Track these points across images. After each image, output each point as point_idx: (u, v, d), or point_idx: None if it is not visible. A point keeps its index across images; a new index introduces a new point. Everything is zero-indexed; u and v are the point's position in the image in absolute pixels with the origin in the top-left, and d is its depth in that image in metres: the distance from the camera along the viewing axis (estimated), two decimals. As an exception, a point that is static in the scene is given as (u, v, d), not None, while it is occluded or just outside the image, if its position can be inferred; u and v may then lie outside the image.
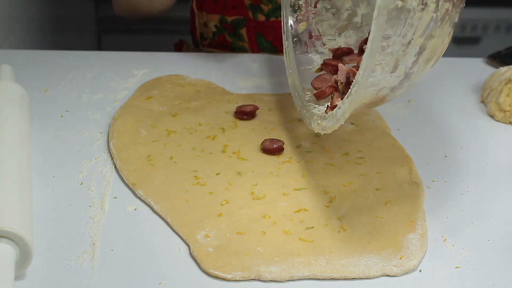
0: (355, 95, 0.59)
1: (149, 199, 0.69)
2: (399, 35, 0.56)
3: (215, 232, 0.64)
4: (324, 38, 0.82)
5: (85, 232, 0.64)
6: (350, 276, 0.60)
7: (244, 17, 1.02)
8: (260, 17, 1.01)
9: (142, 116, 0.82)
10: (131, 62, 0.97)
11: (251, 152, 0.76)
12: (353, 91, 0.59)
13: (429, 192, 0.72)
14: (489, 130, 0.85)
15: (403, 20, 0.56)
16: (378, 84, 0.59)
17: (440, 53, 0.62)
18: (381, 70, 0.57)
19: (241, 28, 1.03)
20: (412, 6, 0.56)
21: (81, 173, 0.73)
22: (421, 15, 0.57)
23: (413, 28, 0.57)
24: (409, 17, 0.56)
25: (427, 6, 0.56)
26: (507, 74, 0.87)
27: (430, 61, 0.61)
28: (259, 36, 1.01)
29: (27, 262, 0.58)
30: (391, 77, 0.59)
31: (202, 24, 1.08)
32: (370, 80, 0.58)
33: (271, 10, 1.01)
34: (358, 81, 0.58)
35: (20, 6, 1.21)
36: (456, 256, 0.64)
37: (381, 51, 0.56)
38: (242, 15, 1.02)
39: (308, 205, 0.69)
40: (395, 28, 0.56)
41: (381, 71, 0.57)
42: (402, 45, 0.57)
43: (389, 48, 0.56)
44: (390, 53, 0.57)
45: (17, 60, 0.94)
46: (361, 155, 0.77)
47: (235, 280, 0.60)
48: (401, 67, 0.59)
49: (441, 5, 0.57)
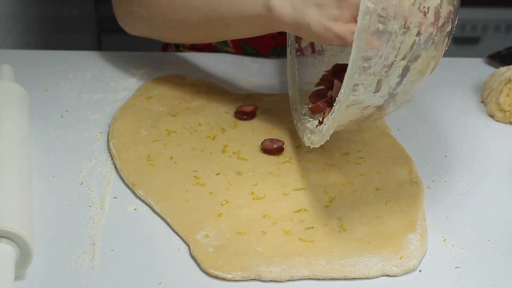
0: (337, 112, 0.60)
1: (149, 199, 0.69)
2: (381, 56, 0.57)
3: (215, 232, 0.64)
4: (327, 54, 0.82)
5: (85, 232, 0.64)
6: (350, 276, 0.60)
7: None
8: None
9: (142, 116, 0.82)
10: (131, 62, 0.97)
11: (251, 152, 0.76)
12: (335, 109, 0.60)
13: (429, 192, 0.72)
14: (489, 130, 0.85)
15: (384, 42, 0.57)
16: (362, 103, 0.60)
17: (427, 74, 0.63)
18: (364, 89, 0.58)
19: None
20: (394, 30, 0.56)
21: (81, 173, 0.73)
22: (403, 39, 0.57)
23: (395, 50, 0.57)
24: (391, 40, 0.57)
25: (409, 30, 0.57)
26: (507, 74, 0.87)
27: (415, 82, 0.62)
28: (244, 44, 1.01)
29: (27, 262, 0.58)
30: (374, 97, 0.60)
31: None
32: (352, 98, 0.59)
33: None
34: (340, 99, 0.59)
35: (20, 6, 1.21)
36: (456, 256, 0.64)
37: (363, 72, 0.57)
38: None
39: (308, 205, 0.69)
40: (376, 50, 0.56)
41: (364, 90, 0.58)
42: (384, 66, 0.58)
43: (370, 69, 0.57)
44: (372, 73, 0.58)
45: (17, 60, 0.94)
46: (361, 155, 0.77)
47: (235, 280, 0.60)
48: (385, 88, 0.60)
49: (424, 29, 0.58)
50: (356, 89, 0.58)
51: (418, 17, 0.57)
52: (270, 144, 0.76)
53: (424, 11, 0.57)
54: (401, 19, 0.56)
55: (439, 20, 0.59)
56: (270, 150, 0.76)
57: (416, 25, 0.57)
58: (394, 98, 0.62)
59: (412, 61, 0.59)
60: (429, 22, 0.58)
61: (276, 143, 0.76)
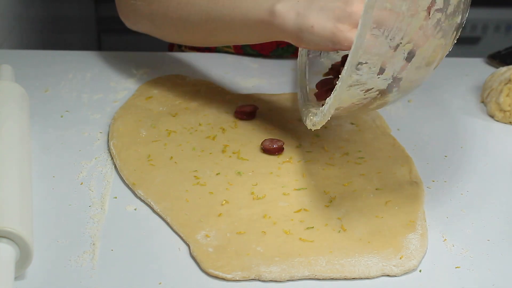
0: (339, 90, 0.59)
1: (149, 199, 0.69)
2: (387, 37, 0.57)
3: (215, 232, 0.64)
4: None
5: (85, 232, 0.64)
6: (350, 276, 0.60)
7: None
8: None
9: (142, 116, 0.82)
10: (131, 62, 0.97)
11: (251, 152, 0.76)
12: (337, 87, 0.59)
13: (429, 192, 0.72)
14: (489, 130, 0.85)
15: (391, 22, 0.56)
16: (365, 84, 0.59)
17: (432, 63, 0.62)
18: (368, 69, 0.58)
19: None
20: (401, 11, 0.56)
21: (81, 173, 0.73)
22: (410, 21, 0.57)
23: (401, 32, 0.57)
24: (398, 20, 0.56)
25: (417, 12, 0.57)
26: (507, 74, 0.87)
27: (420, 69, 0.62)
28: (244, 45, 1.01)
29: (27, 262, 0.58)
30: (378, 79, 0.59)
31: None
32: (356, 78, 0.58)
33: None
34: (342, 77, 0.58)
35: (20, 6, 1.21)
36: (456, 256, 0.64)
37: (368, 51, 0.56)
38: None
39: (308, 205, 0.69)
40: (382, 29, 0.56)
41: (368, 70, 0.58)
42: (389, 47, 0.57)
43: (375, 48, 0.57)
44: (377, 53, 0.57)
45: (17, 60, 0.94)
46: (361, 155, 0.77)
47: (235, 280, 0.60)
48: (389, 70, 0.59)
49: (432, 14, 0.58)
50: (359, 68, 0.57)
51: (427, 1, 0.57)
52: (270, 144, 0.76)
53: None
54: (410, 1, 0.56)
55: (449, 7, 0.58)
56: (270, 150, 0.76)
57: (424, 9, 0.57)
58: (398, 84, 0.61)
59: (418, 46, 0.58)
60: (438, 7, 0.57)
61: (276, 143, 0.76)
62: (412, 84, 0.63)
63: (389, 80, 0.60)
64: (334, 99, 0.60)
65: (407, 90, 0.64)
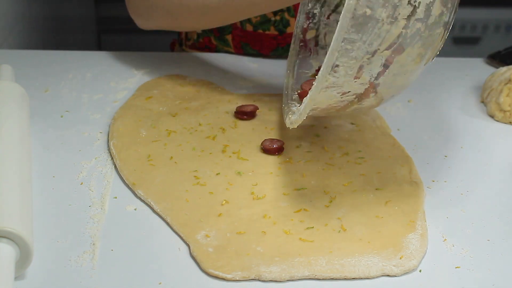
0: (314, 91, 0.60)
1: (149, 199, 0.69)
2: (365, 42, 0.57)
3: (215, 232, 0.64)
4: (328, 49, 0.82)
5: (85, 232, 0.64)
6: (350, 276, 0.60)
7: (231, 23, 1.01)
8: (248, 27, 1.00)
9: (142, 116, 0.82)
10: (131, 62, 0.97)
11: (251, 152, 0.76)
12: (313, 87, 0.60)
13: (429, 192, 0.72)
14: (489, 130, 0.85)
15: (370, 28, 0.57)
16: (341, 87, 0.60)
17: (412, 72, 0.62)
18: (344, 72, 0.58)
19: (227, 34, 1.03)
20: (381, 17, 0.56)
21: (81, 173, 0.73)
22: (390, 28, 0.57)
23: (379, 38, 0.57)
24: (377, 27, 0.57)
25: (396, 20, 0.57)
26: (507, 74, 0.87)
27: (398, 77, 0.62)
28: (244, 45, 1.01)
29: (27, 262, 0.58)
30: (355, 83, 0.60)
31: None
32: (332, 80, 0.58)
33: (259, 22, 1.00)
34: (318, 77, 0.59)
35: (20, 6, 1.21)
36: (456, 256, 0.64)
37: (344, 53, 0.57)
38: None
39: (308, 205, 0.69)
40: (360, 34, 0.56)
41: (344, 73, 0.58)
42: (367, 52, 0.58)
43: (353, 52, 0.57)
44: (354, 57, 0.58)
45: (17, 60, 0.94)
46: (361, 155, 0.77)
47: (235, 280, 0.60)
48: (366, 75, 0.60)
49: (412, 23, 0.58)
50: (336, 71, 0.58)
51: (408, 10, 0.57)
52: (270, 144, 0.76)
53: (414, 5, 0.57)
54: (390, 8, 0.56)
55: (429, 18, 0.59)
56: (270, 150, 0.76)
57: (404, 17, 0.57)
58: (375, 89, 0.62)
59: (396, 53, 0.59)
60: (418, 17, 0.58)
61: (276, 143, 0.76)
62: (390, 90, 0.64)
63: (366, 85, 0.61)
64: (309, 99, 0.61)
65: (385, 95, 0.64)
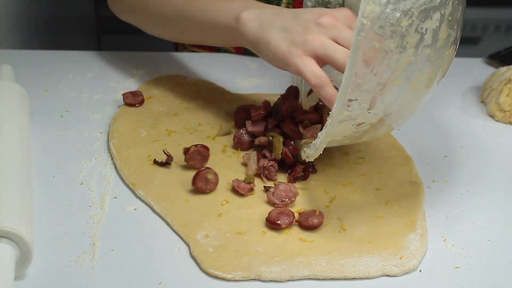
0: (330, 127, 0.60)
1: (149, 199, 0.69)
2: (375, 74, 0.57)
3: (215, 232, 0.64)
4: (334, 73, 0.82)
5: (85, 232, 0.64)
6: (350, 276, 0.60)
7: None
8: None
9: (142, 116, 0.82)
10: (131, 62, 0.97)
11: (251, 152, 0.76)
12: (328, 123, 0.60)
13: (429, 192, 0.72)
14: (489, 130, 0.85)
15: (379, 60, 0.56)
16: (355, 119, 0.60)
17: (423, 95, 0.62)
18: (358, 105, 0.58)
19: None
20: (390, 48, 0.56)
21: (81, 173, 0.73)
22: (399, 58, 0.57)
23: (390, 69, 0.57)
24: (386, 58, 0.57)
25: (405, 49, 0.57)
26: (507, 74, 0.87)
27: (411, 103, 0.62)
28: None
29: (27, 262, 0.58)
30: (369, 114, 0.60)
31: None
32: (347, 113, 0.59)
33: None
34: (333, 114, 0.59)
35: (20, 6, 1.21)
36: (456, 256, 0.64)
37: (356, 88, 0.57)
38: None
39: (308, 205, 0.69)
40: (370, 68, 0.56)
41: (358, 106, 0.58)
42: (378, 84, 0.58)
43: (365, 85, 0.57)
44: (366, 90, 0.57)
45: (17, 60, 0.94)
46: (361, 155, 0.77)
47: (235, 280, 0.60)
48: (379, 105, 0.60)
49: (420, 50, 0.58)
50: (349, 105, 0.58)
51: (415, 38, 0.57)
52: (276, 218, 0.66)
53: (421, 32, 0.57)
54: (398, 38, 0.56)
55: (437, 42, 0.58)
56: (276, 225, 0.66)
57: (412, 46, 0.57)
58: (390, 117, 0.62)
59: (407, 81, 0.59)
60: (426, 43, 0.58)
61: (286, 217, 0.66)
62: (404, 116, 0.64)
63: (380, 115, 0.61)
64: (325, 135, 0.61)
65: (399, 121, 0.64)
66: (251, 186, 0.69)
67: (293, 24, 0.68)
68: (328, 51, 0.65)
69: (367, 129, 0.62)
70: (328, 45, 0.65)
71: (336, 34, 0.66)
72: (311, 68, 0.66)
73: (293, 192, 0.68)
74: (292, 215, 0.65)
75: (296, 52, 0.67)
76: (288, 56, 0.67)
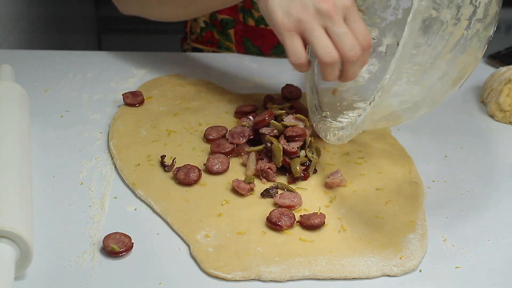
0: (378, 100, 0.58)
1: (149, 199, 0.69)
2: (429, 45, 0.56)
3: (215, 232, 0.64)
4: None
5: (85, 232, 0.64)
6: (350, 276, 0.60)
7: (234, 18, 1.02)
8: (250, 22, 1.01)
9: (142, 116, 0.82)
10: (131, 62, 0.97)
11: (251, 152, 0.76)
12: (376, 97, 0.58)
13: (429, 192, 0.72)
14: (489, 130, 0.85)
15: (435, 31, 0.56)
16: (401, 95, 0.58)
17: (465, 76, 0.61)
18: (407, 79, 0.57)
19: (229, 28, 1.03)
20: (446, 19, 0.55)
21: (81, 173, 0.73)
22: (453, 30, 0.56)
23: (443, 41, 0.56)
24: (441, 29, 0.56)
25: (459, 21, 0.56)
26: (507, 74, 0.87)
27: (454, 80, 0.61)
28: (246, 40, 1.01)
29: (27, 262, 0.58)
30: (415, 90, 0.58)
31: (192, 18, 1.08)
32: (395, 88, 0.57)
33: (261, 17, 1.00)
34: (384, 86, 0.57)
35: (20, 6, 1.21)
36: (456, 256, 0.64)
37: (410, 59, 0.56)
38: (233, 16, 1.01)
39: (308, 205, 0.69)
40: (426, 37, 0.55)
41: (407, 80, 0.57)
42: (430, 57, 0.56)
43: (418, 57, 0.56)
44: (418, 63, 0.56)
45: (17, 60, 0.94)
46: (361, 155, 0.77)
47: (235, 280, 0.60)
48: (427, 81, 0.58)
49: (473, 24, 0.57)
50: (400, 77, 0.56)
51: (470, 10, 0.56)
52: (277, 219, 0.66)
53: (475, 5, 0.57)
54: (454, 9, 0.55)
55: (487, 18, 0.58)
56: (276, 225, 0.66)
57: (466, 18, 0.56)
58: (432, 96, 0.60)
59: (457, 56, 0.58)
60: (478, 17, 0.57)
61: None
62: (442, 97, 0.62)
63: (425, 92, 0.59)
64: (371, 110, 0.59)
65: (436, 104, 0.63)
66: (251, 186, 0.69)
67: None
68: (314, 39, 0.68)
69: (407, 107, 0.61)
70: (316, 35, 0.68)
71: (328, 25, 0.68)
72: (295, 46, 0.69)
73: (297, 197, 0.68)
74: (293, 216, 0.65)
75: (288, 26, 0.69)
76: (279, 26, 0.70)
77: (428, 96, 0.60)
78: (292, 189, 0.70)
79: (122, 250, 0.61)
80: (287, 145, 0.72)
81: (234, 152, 0.75)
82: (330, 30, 0.68)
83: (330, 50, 0.68)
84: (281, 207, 0.67)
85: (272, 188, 0.69)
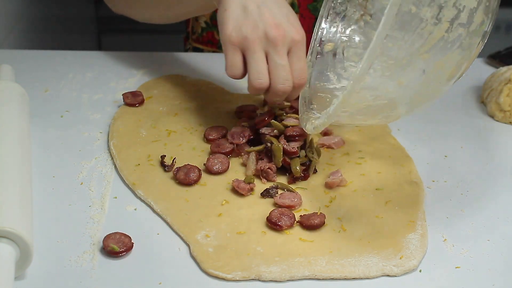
0: (349, 89, 0.58)
1: (149, 199, 0.69)
2: (406, 41, 0.55)
3: (215, 232, 0.64)
4: (346, 63, 0.81)
5: (85, 232, 0.64)
6: (350, 276, 0.60)
7: None
8: None
9: (142, 116, 0.82)
10: (131, 62, 0.97)
11: (251, 152, 0.76)
12: (348, 86, 0.58)
13: (429, 192, 0.72)
14: (489, 130, 0.85)
15: (413, 27, 0.55)
16: (376, 89, 0.58)
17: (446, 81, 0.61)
18: (381, 73, 0.57)
19: None
20: (426, 17, 0.55)
21: (81, 173, 0.73)
22: (432, 30, 0.56)
23: (421, 39, 0.56)
24: (420, 27, 0.55)
25: (440, 22, 0.56)
26: (507, 74, 0.87)
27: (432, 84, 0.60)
28: None
29: (27, 262, 0.58)
30: (390, 86, 0.58)
31: (193, 18, 1.08)
32: (369, 80, 0.57)
33: None
34: (354, 75, 0.57)
35: (20, 6, 1.21)
36: (456, 256, 0.64)
37: (385, 52, 0.55)
38: None
39: (308, 205, 0.69)
40: (403, 32, 0.55)
41: (381, 74, 0.57)
42: (407, 53, 0.56)
43: (393, 51, 0.55)
44: (394, 57, 0.56)
45: (17, 60, 0.94)
46: (361, 155, 0.77)
47: (235, 280, 0.60)
48: (403, 79, 0.58)
49: (454, 27, 0.56)
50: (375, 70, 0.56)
51: (452, 12, 0.56)
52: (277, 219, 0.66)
53: (459, 9, 0.56)
54: (435, 8, 0.55)
55: (471, 25, 0.57)
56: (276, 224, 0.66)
57: (448, 20, 0.56)
58: (410, 96, 0.60)
59: (435, 57, 0.57)
60: (461, 22, 0.57)
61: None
62: (422, 99, 0.62)
63: (401, 89, 0.59)
64: (342, 100, 0.59)
65: (416, 105, 0.62)
66: (251, 186, 0.69)
67: (254, 12, 0.71)
68: (252, 61, 0.70)
69: (384, 103, 0.60)
70: (256, 57, 0.70)
71: (270, 52, 0.70)
72: (234, 60, 0.71)
73: (297, 197, 0.68)
74: (293, 216, 0.65)
75: (233, 40, 0.70)
76: (226, 37, 0.71)
77: (405, 95, 0.60)
78: (292, 189, 0.70)
79: (122, 250, 0.61)
80: (287, 145, 0.72)
81: (234, 152, 0.75)
82: (270, 57, 0.70)
83: (262, 77, 0.70)
84: (281, 207, 0.67)
85: (272, 188, 0.69)
